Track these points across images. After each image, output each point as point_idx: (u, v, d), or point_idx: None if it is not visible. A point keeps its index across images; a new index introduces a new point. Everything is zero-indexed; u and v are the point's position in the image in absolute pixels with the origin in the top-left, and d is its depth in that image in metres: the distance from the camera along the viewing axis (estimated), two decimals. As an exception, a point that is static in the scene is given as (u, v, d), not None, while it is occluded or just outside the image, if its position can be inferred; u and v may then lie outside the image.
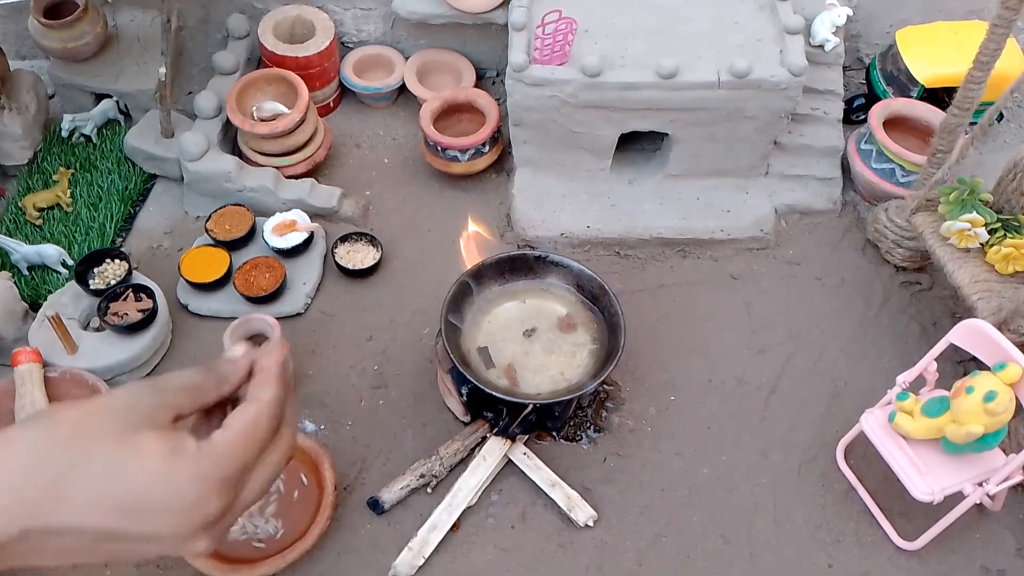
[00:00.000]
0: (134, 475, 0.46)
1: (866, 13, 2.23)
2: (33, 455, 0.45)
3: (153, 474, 0.46)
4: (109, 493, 0.46)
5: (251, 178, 1.93)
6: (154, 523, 0.46)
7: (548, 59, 1.80)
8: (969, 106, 1.65)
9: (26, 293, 1.78)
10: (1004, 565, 1.52)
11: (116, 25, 2.15)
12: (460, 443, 1.58)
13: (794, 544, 1.54)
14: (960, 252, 1.70)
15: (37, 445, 0.46)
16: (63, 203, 1.94)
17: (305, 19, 2.13)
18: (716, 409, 1.71)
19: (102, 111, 2.06)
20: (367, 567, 1.48)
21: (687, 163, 1.98)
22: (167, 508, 0.46)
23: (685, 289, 1.90)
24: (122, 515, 0.46)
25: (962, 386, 1.35)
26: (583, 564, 1.50)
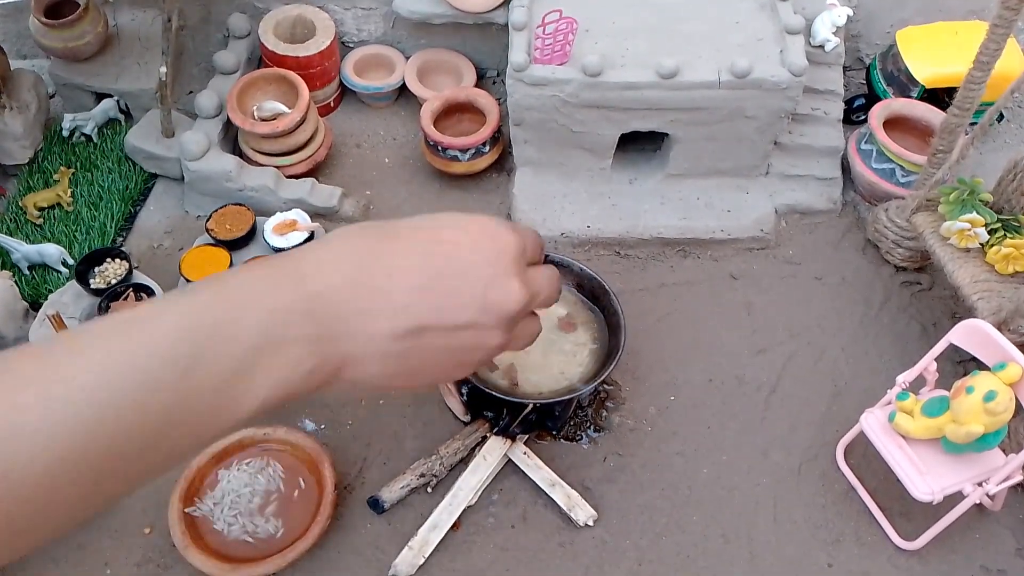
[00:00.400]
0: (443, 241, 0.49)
1: (866, 13, 2.23)
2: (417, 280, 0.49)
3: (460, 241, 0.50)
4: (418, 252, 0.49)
5: (252, 177, 1.93)
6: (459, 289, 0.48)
7: (548, 59, 1.80)
8: (969, 106, 1.65)
9: (27, 292, 1.78)
10: (1004, 565, 1.52)
11: (117, 24, 2.15)
12: (460, 443, 1.58)
13: (794, 544, 1.54)
14: (960, 252, 1.70)
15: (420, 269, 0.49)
16: (64, 202, 1.94)
17: (306, 19, 2.13)
18: (716, 409, 1.71)
19: (103, 110, 2.07)
20: (367, 566, 1.48)
21: (687, 163, 1.98)
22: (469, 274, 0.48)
23: (685, 289, 1.90)
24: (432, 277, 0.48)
25: (962, 386, 1.35)
26: (583, 563, 1.50)
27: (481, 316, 0.48)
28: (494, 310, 0.48)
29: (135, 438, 0.40)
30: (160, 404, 0.40)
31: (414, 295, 0.46)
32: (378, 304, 0.46)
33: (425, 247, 0.48)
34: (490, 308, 0.48)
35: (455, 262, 0.48)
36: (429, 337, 0.47)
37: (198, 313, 0.42)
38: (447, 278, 0.47)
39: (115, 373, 0.39)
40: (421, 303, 0.47)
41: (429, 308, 0.47)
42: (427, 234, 0.50)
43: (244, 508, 1.48)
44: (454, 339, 0.48)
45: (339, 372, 0.46)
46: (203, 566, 1.38)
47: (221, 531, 1.46)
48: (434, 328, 0.47)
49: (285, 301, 0.44)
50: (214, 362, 0.41)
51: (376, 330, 0.46)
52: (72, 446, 0.38)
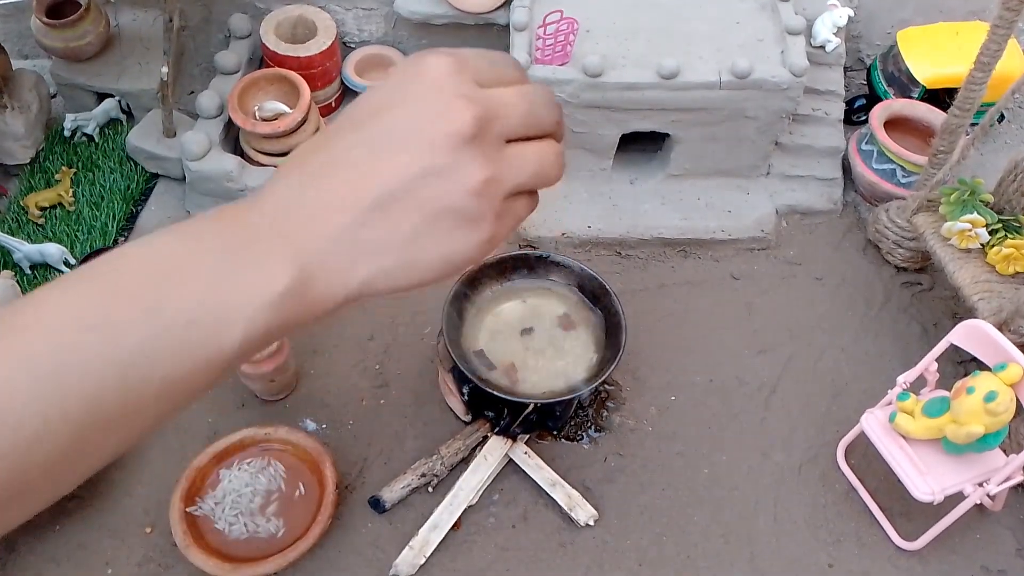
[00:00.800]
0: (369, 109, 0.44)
1: (867, 14, 2.23)
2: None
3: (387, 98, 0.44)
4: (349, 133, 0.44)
5: (253, 178, 1.93)
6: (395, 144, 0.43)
7: (549, 59, 1.81)
8: (970, 107, 1.65)
9: (28, 292, 1.78)
10: (1004, 565, 1.52)
11: (118, 25, 2.15)
12: (461, 442, 1.58)
13: (795, 544, 1.54)
14: (961, 253, 1.70)
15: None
16: (65, 202, 1.94)
17: (307, 19, 2.13)
18: (717, 409, 1.71)
19: (104, 110, 2.07)
20: (368, 566, 1.48)
21: (688, 163, 1.98)
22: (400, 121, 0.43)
23: (686, 289, 1.90)
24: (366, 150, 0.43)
25: (963, 386, 1.35)
26: (584, 563, 1.50)
27: (433, 156, 0.42)
28: (442, 141, 0.42)
29: (110, 383, 0.38)
30: (131, 347, 0.39)
31: (355, 171, 0.43)
32: (326, 197, 0.43)
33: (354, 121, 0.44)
34: (436, 141, 0.42)
35: (384, 116, 0.43)
36: (394, 206, 0.43)
37: (163, 248, 0.41)
38: (380, 136, 0.43)
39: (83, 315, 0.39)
40: (365, 175, 0.43)
41: (373, 175, 0.42)
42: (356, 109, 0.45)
43: (245, 508, 1.48)
44: (423, 195, 0.43)
45: (319, 283, 0.43)
46: (204, 566, 1.39)
47: (222, 531, 1.46)
48: (390, 195, 0.42)
49: (245, 222, 0.42)
50: (183, 296, 0.40)
51: (335, 224, 0.42)
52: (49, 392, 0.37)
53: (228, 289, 0.41)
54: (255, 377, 1.58)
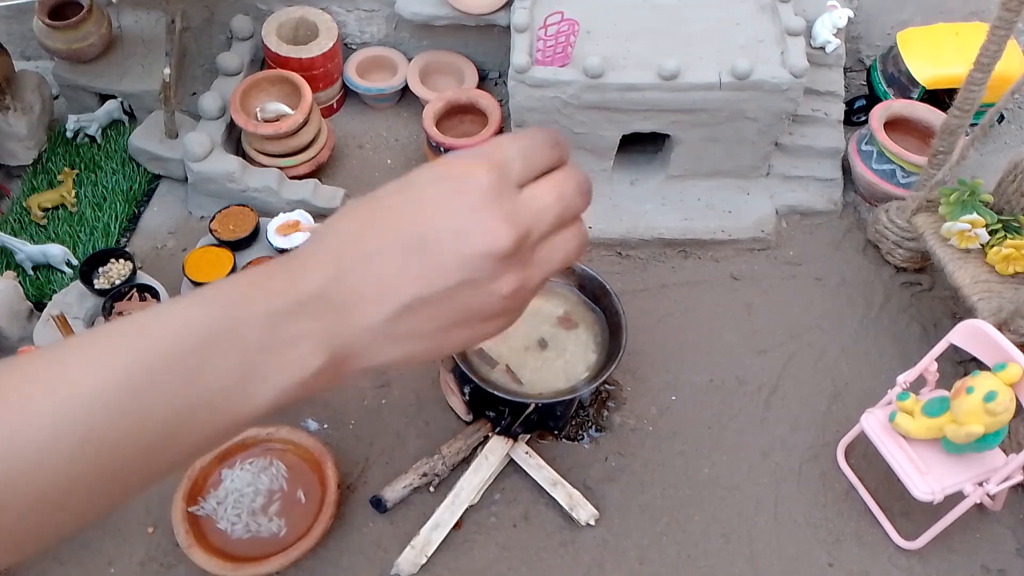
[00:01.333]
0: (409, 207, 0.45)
1: (867, 15, 2.24)
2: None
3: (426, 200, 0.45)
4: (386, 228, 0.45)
5: (255, 179, 1.94)
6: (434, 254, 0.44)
7: (550, 60, 1.81)
8: (970, 107, 1.66)
9: (31, 293, 1.79)
10: (1004, 565, 1.53)
11: (120, 26, 2.16)
12: (462, 442, 1.58)
13: (795, 543, 1.54)
14: (960, 253, 1.70)
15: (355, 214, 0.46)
16: (68, 203, 1.95)
17: (308, 20, 2.14)
18: (717, 409, 1.71)
19: (106, 112, 2.07)
20: (370, 565, 1.49)
21: (688, 164, 1.99)
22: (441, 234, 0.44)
23: (686, 289, 1.91)
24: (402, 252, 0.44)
25: (962, 386, 1.35)
26: (585, 563, 1.50)
27: (469, 271, 0.44)
28: (479, 260, 0.44)
29: (141, 441, 0.40)
30: (166, 407, 0.40)
31: (393, 274, 0.44)
32: (363, 293, 0.44)
33: (396, 217, 0.46)
34: (473, 259, 0.44)
35: (425, 223, 0.45)
36: (426, 310, 0.45)
37: (201, 317, 0.43)
38: (419, 248, 0.44)
39: (122, 376, 0.40)
40: (401, 280, 0.44)
41: (410, 282, 0.44)
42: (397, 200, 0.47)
43: (247, 507, 1.48)
44: (456, 301, 0.45)
45: (351, 363, 0.46)
46: (206, 565, 1.39)
47: (224, 530, 1.46)
48: (424, 299, 0.44)
49: (282, 302, 0.44)
50: (219, 366, 0.42)
51: (370, 319, 0.44)
52: (79, 446, 0.38)
53: (261, 368, 0.43)
54: (257, 377, 1.58)
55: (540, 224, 0.47)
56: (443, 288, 0.44)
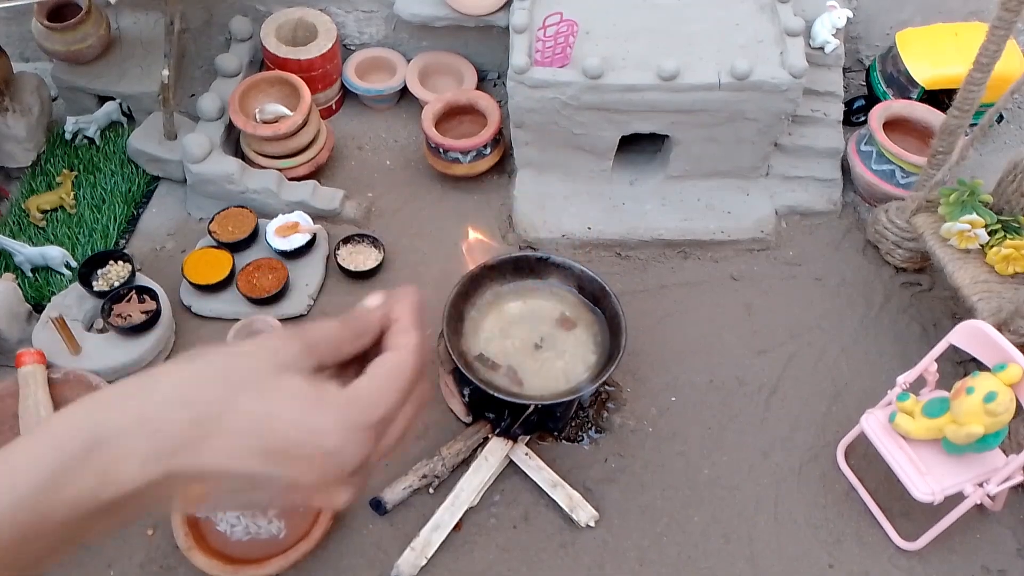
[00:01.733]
0: (279, 418, 0.46)
1: (866, 15, 2.24)
2: (179, 394, 0.45)
3: (298, 418, 0.46)
4: (254, 435, 0.45)
5: (254, 180, 1.93)
6: (296, 469, 0.45)
7: (549, 61, 1.81)
8: (969, 107, 1.66)
9: (30, 295, 1.79)
10: (1004, 565, 1.52)
11: (119, 28, 2.16)
12: (462, 444, 1.58)
13: (795, 544, 1.54)
14: (960, 253, 1.70)
15: (183, 384, 0.46)
16: (67, 205, 1.94)
17: (307, 22, 2.14)
18: (717, 409, 1.71)
19: (105, 113, 2.07)
20: (370, 567, 1.48)
21: (688, 164, 1.98)
22: (309, 454, 0.46)
23: (686, 290, 1.91)
24: (265, 459, 0.45)
25: (962, 387, 1.35)
26: (585, 564, 1.50)
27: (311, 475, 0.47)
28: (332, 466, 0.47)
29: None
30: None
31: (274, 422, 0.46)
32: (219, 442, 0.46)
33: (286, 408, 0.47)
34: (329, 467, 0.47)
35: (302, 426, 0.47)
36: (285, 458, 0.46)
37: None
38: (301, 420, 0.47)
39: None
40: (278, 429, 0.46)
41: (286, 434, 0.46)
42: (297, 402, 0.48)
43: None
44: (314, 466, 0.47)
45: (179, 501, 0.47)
46: (206, 567, 1.39)
47: (224, 532, 1.46)
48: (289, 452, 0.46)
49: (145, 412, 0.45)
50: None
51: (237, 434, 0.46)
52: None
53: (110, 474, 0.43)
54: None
55: (383, 454, 0.50)
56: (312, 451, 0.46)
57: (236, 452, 0.45)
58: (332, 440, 0.46)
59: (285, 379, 0.46)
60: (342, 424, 0.46)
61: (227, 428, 0.45)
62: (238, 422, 0.45)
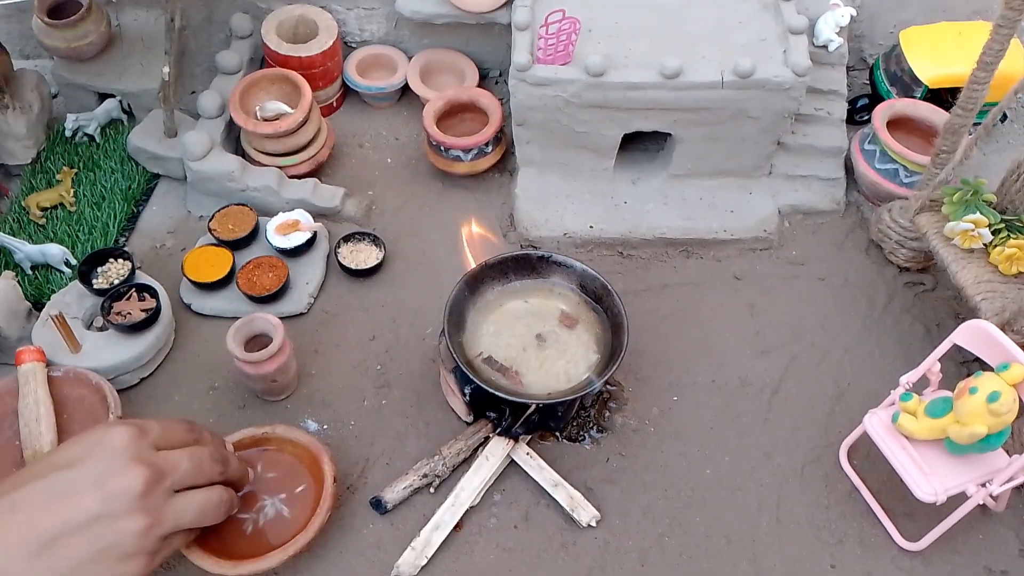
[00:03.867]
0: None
1: (870, 13, 2.23)
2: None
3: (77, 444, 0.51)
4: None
5: (254, 178, 1.93)
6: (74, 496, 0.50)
7: (551, 59, 1.80)
8: (973, 107, 1.65)
9: (29, 292, 1.78)
10: (1007, 566, 1.52)
11: (120, 25, 2.16)
12: (463, 443, 1.58)
13: (797, 544, 1.53)
14: (964, 253, 1.70)
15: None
16: (66, 202, 1.94)
17: (308, 19, 2.13)
18: (719, 409, 1.71)
19: (105, 110, 2.07)
20: (370, 567, 1.48)
21: (690, 163, 1.98)
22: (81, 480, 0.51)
23: (688, 289, 1.90)
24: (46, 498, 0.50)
25: (965, 387, 1.34)
26: (586, 564, 1.50)
27: (106, 504, 0.51)
28: (116, 493, 0.51)
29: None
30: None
31: (38, 511, 0.50)
32: (10, 536, 0.50)
33: (41, 472, 0.52)
34: (112, 493, 0.51)
35: (69, 470, 0.51)
36: (68, 540, 0.50)
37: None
38: (64, 485, 0.51)
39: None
40: (46, 513, 0.50)
41: (54, 513, 0.50)
42: (44, 464, 0.53)
43: None
44: (92, 533, 0.51)
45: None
46: (204, 564, 1.38)
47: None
48: (66, 528, 0.50)
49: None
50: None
51: (13, 559, 0.49)
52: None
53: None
54: (256, 378, 1.58)
55: (172, 472, 0.57)
56: (81, 519, 0.52)
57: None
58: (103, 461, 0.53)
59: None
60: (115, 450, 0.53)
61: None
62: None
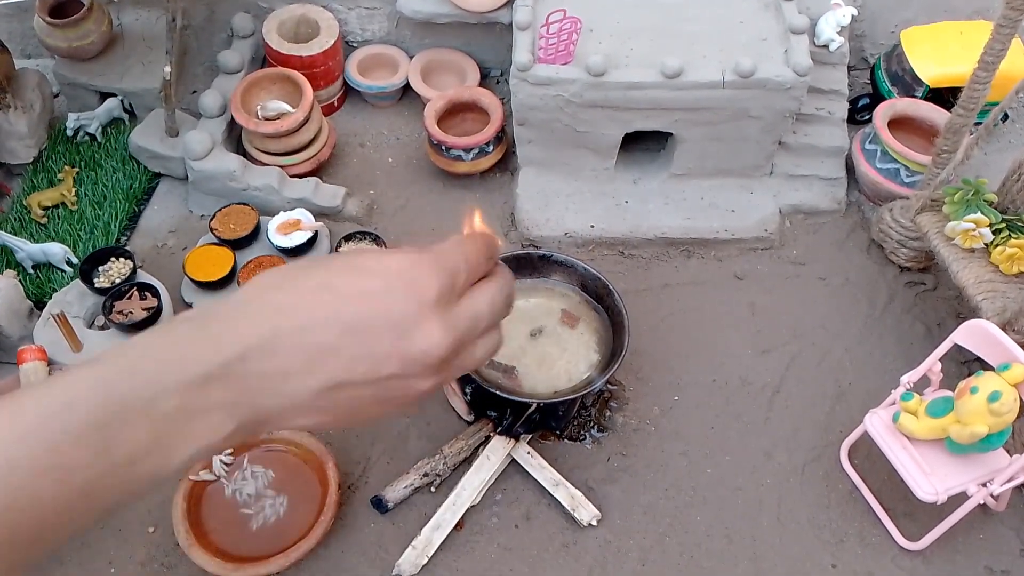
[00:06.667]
0: (355, 290, 0.46)
1: (871, 13, 2.23)
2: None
3: (373, 288, 0.47)
4: (329, 305, 0.46)
5: (255, 177, 1.93)
6: (374, 343, 0.46)
7: (552, 58, 1.80)
8: (974, 106, 1.65)
9: (31, 291, 1.78)
10: (1008, 566, 1.52)
11: (121, 24, 2.16)
12: (464, 442, 1.58)
13: (798, 544, 1.54)
14: (964, 252, 1.69)
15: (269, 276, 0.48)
16: (68, 202, 1.94)
17: (309, 18, 2.13)
18: (720, 409, 1.71)
19: (107, 110, 2.07)
20: (371, 565, 1.48)
21: (692, 163, 1.98)
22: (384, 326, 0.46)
23: (689, 289, 1.90)
24: (342, 332, 0.45)
25: (966, 386, 1.34)
26: (587, 564, 1.50)
27: (401, 367, 0.47)
28: (413, 360, 0.47)
29: (59, 501, 0.41)
30: (83, 473, 0.41)
31: (326, 353, 0.45)
32: (291, 365, 0.45)
33: (336, 298, 0.47)
34: (409, 359, 0.46)
35: (367, 313, 0.46)
36: (349, 391, 0.46)
37: (110, 386, 0.43)
38: (360, 332, 0.46)
39: (43, 443, 0.41)
40: (334, 361, 0.46)
41: (343, 365, 0.46)
42: (339, 281, 0.48)
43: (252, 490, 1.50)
44: (378, 389, 0.47)
45: (263, 426, 0.47)
46: (207, 565, 1.39)
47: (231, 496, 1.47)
48: (352, 383, 0.46)
49: (199, 370, 0.44)
50: (130, 438, 0.42)
51: (292, 390, 0.46)
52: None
53: (171, 438, 0.44)
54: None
55: (472, 335, 0.50)
56: (372, 377, 0.46)
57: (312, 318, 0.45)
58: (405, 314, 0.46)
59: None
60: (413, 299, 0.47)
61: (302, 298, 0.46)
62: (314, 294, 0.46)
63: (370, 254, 0.50)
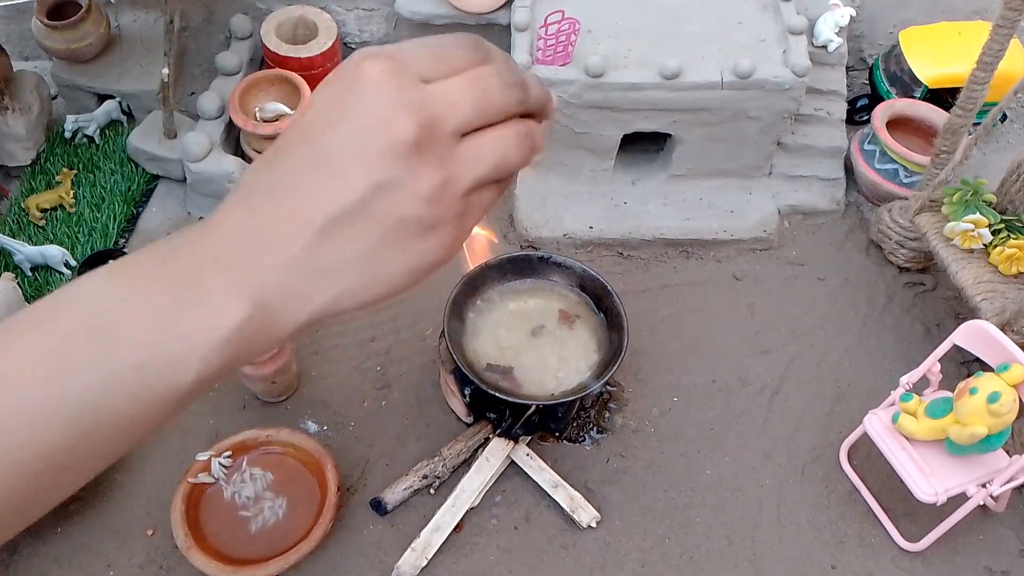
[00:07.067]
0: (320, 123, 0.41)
1: (869, 13, 2.23)
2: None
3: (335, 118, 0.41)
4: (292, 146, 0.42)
5: (254, 179, 1.93)
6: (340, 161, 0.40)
7: (551, 60, 1.80)
8: (972, 107, 1.65)
9: (29, 294, 1.78)
10: (1008, 566, 1.52)
11: (119, 26, 2.15)
12: (463, 444, 1.57)
13: (797, 545, 1.53)
14: (964, 253, 1.69)
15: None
16: (66, 204, 1.94)
17: (308, 20, 2.13)
18: (719, 410, 1.71)
19: (105, 112, 2.06)
20: (370, 568, 1.48)
21: (690, 163, 1.98)
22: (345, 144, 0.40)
23: (688, 290, 1.90)
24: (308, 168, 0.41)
25: (966, 387, 1.34)
26: (586, 565, 1.50)
27: (380, 169, 0.40)
28: (382, 156, 0.40)
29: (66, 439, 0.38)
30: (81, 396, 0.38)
31: (300, 195, 0.41)
32: (274, 226, 0.41)
33: (295, 141, 0.42)
34: (380, 153, 0.40)
35: (324, 133, 0.41)
36: (347, 227, 0.41)
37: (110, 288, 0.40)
38: (322, 155, 0.40)
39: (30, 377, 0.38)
40: (312, 198, 0.40)
41: (320, 198, 0.40)
42: (296, 128, 0.43)
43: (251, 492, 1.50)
44: (375, 211, 0.41)
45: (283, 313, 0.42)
46: (205, 568, 1.38)
47: (230, 498, 1.47)
48: (340, 214, 0.40)
49: (192, 259, 0.40)
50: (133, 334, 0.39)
51: (287, 253, 0.41)
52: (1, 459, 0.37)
53: (177, 329, 0.40)
54: (256, 379, 1.58)
55: (452, 113, 0.42)
56: (355, 198, 0.40)
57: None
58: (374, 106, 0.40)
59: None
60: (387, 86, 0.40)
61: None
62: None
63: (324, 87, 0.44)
